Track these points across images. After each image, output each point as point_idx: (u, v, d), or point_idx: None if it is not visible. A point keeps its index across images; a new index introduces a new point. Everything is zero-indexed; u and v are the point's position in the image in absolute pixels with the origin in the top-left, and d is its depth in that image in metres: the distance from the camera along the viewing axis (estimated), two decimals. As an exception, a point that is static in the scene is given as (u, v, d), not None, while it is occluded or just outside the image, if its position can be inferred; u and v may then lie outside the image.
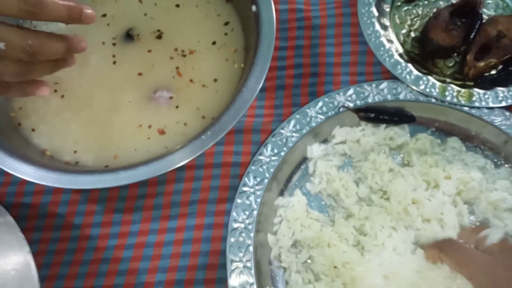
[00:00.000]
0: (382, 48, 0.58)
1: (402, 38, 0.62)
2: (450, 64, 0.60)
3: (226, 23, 0.59)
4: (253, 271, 0.48)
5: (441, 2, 0.64)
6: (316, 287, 0.48)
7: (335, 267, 0.49)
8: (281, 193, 0.54)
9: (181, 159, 0.47)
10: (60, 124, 0.55)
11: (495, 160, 0.54)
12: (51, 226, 0.55)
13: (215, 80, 0.57)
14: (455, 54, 0.60)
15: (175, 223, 0.54)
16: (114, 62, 0.58)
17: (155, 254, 0.53)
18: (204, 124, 0.55)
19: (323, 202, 0.55)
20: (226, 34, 0.59)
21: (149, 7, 0.60)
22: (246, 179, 0.52)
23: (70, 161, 0.53)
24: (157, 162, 0.47)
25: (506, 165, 0.54)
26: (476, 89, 0.56)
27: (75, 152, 0.54)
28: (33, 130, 0.56)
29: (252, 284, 0.47)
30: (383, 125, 0.56)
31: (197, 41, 0.59)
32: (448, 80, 0.58)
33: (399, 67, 0.57)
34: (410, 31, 0.63)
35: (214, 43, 0.58)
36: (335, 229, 0.51)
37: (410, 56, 0.60)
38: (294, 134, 0.55)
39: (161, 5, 0.60)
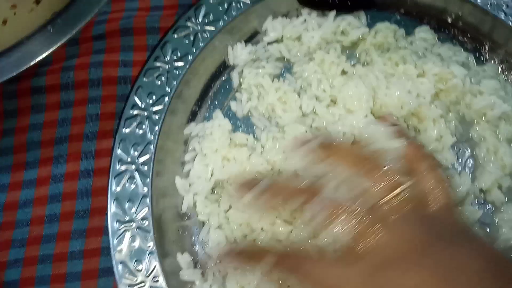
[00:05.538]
0: None
1: None
2: None
3: None
4: (151, 234, 0.32)
5: None
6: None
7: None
8: (193, 117, 0.37)
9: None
10: None
11: (478, 55, 0.41)
12: None
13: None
14: None
15: (34, 173, 0.38)
16: None
17: (6, 220, 0.36)
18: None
19: (255, 127, 0.38)
20: None
21: None
22: (135, 97, 0.35)
23: None
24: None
25: (492, 61, 0.41)
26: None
27: None
28: None
29: (151, 252, 0.31)
30: (332, 13, 0.40)
31: None
32: None
33: None
34: None
35: None
36: (265, 155, 0.36)
37: None
38: (206, 28, 0.37)
39: None
